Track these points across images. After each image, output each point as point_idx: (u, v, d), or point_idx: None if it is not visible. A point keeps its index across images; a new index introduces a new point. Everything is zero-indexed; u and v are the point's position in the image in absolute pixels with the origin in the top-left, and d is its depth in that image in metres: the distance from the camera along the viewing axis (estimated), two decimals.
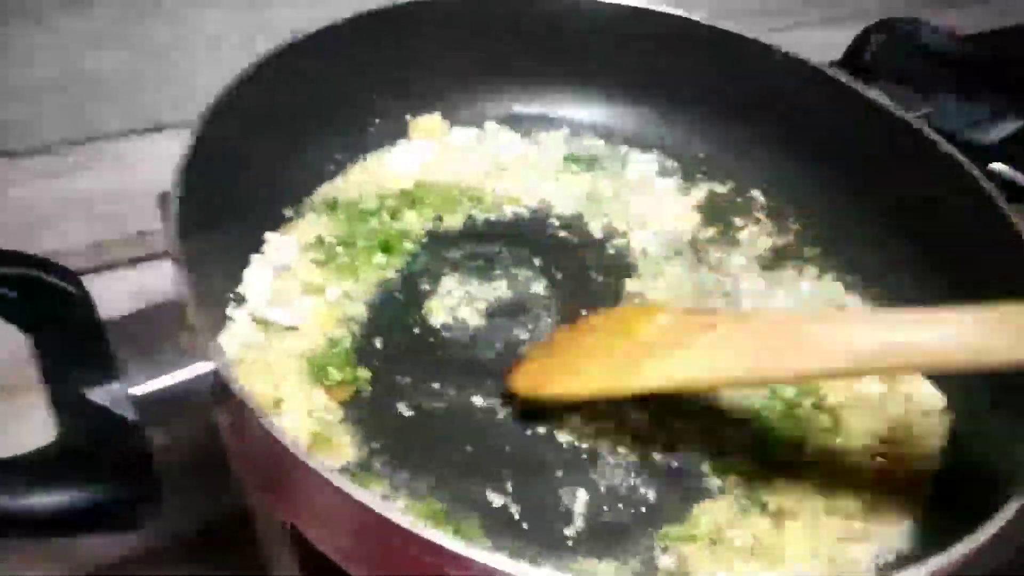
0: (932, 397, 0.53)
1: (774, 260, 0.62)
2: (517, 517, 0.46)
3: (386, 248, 0.57)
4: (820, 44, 0.79)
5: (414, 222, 0.59)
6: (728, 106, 0.66)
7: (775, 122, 0.65)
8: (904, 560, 0.46)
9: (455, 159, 0.64)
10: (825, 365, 0.42)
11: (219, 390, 0.40)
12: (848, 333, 0.42)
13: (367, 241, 0.57)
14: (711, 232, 0.63)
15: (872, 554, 0.46)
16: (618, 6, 0.65)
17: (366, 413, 0.49)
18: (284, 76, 0.55)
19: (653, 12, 0.65)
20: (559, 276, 0.58)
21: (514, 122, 0.68)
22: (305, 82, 0.57)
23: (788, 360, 0.43)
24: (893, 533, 0.47)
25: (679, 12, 0.65)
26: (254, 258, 0.54)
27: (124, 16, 0.73)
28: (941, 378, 0.54)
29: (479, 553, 0.35)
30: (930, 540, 0.46)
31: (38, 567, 0.56)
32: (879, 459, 0.50)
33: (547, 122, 0.68)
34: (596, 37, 0.66)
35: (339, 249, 0.56)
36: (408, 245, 0.58)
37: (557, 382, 0.49)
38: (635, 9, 0.65)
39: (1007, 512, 0.39)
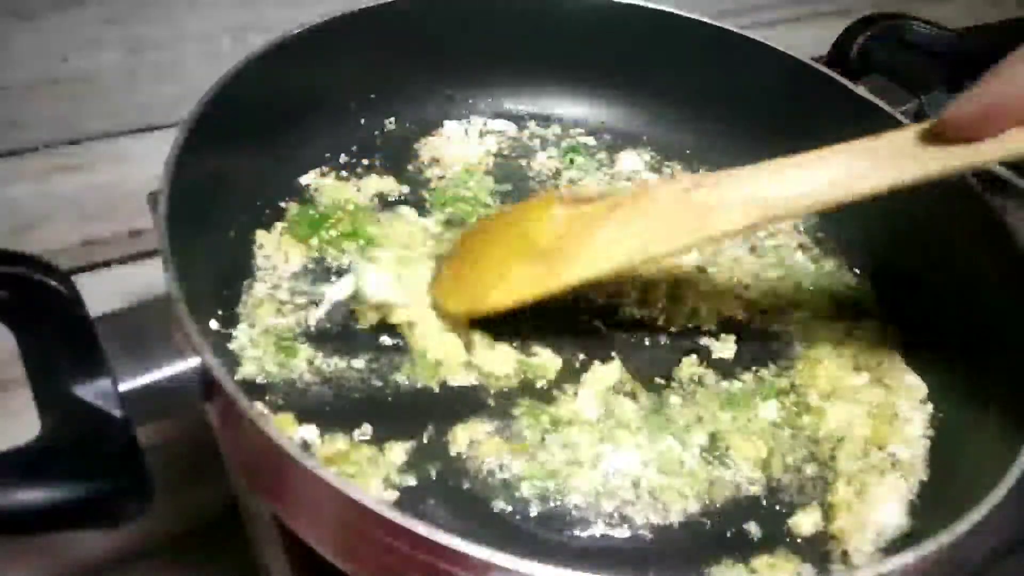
0: (914, 386, 0.54)
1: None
2: None
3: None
4: (808, 39, 0.80)
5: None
6: (714, 102, 0.67)
7: (761, 117, 0.65)
8: (906, 539, 0.47)
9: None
10: (724, 228, 0.44)
11: (209, 385, 0.40)
12: (735, 193, 0.43)
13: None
14: None
15: (873, 533, 0.47)
16: (607, 3, 0.66)
17: None
18: (273, 74, 0.55)
19: (640, 8, 0.66)
20: None
21: (505, 118, 0.68)
22: (295, 80, 0.57)
23: (688, 230, 0.44)
24: (890, 514, 0.48)
25: (666, 8, 0.66)
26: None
27: (115, 15, 0.73)
28: (923, 367, 0.55)
29: (472, 548, 0.35)
30: (929, 521, 0.47)
31: (22, 566, 0.56)
32: (867, 446, 0.51)
33: (538, 118, 0.69)
34: (584, 34, 0.66)
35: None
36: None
37: (482, 297, 0.49)
38: (623, 5, 0.66)
39: (996, 495, 0.40)
